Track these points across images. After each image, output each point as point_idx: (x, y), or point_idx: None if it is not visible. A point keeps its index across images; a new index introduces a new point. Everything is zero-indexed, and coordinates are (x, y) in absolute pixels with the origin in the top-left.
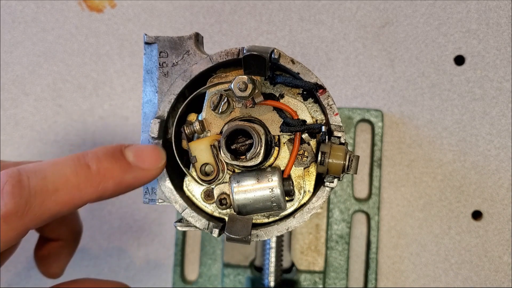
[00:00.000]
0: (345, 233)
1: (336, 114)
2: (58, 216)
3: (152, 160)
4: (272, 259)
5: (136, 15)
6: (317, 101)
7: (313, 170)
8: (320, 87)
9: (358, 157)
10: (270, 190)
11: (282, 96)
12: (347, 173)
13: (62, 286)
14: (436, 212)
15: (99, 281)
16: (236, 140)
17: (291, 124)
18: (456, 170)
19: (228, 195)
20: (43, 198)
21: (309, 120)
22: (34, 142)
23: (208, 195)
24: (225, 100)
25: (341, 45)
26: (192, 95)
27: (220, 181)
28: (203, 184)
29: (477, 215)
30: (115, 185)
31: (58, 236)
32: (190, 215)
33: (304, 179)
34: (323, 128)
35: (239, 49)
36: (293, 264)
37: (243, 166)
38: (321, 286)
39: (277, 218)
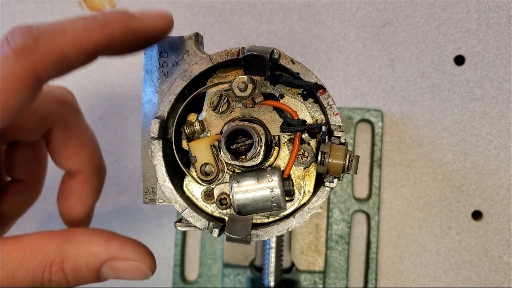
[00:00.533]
0: (345, 233)
1: (336, 114)
2: (67, 62)
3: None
4: (272, 259)
5: None
6: (317, 101)
7: (313, 170)
8: (320, 87)
9: (358, 157)
10: (270, 190)
11: (282, 96)
12: (347, 173)
13: None
14: (436, 212)
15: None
16: (236, 140)
17: (291, 124)
18: (456, 170)
19: (228, 195)
20: (51, 37)
21: (309, 120)
22: None
23: (208, 195)
24: (225, 100)
25: (341, 45)
26: (192, 95)
27: (220, 181)
28: (203, 184)
29: (477, 215)
30: (121, 28)
31: (77, 166)
32: (190, 215)
33: (304, 179)
34: (323, 128)
35: (239, 49)
36: (293, 264)
37: (243, 166)
38: (321, 286)
39: (277, 218)
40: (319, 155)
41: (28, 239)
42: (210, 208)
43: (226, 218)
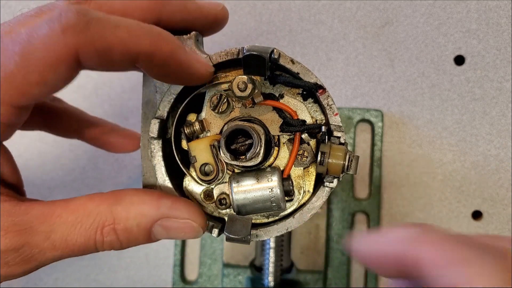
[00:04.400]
0: (345, 233)
1: (336, 114)
2: (108, 57)
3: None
4: (272, 259)
5: None
6: (317, 101)
7: (312, 170)
8: (320, 87)
9: (358, 157)
10: (270, 190)
11: (282, 96)
12: (347, 173)
13: None
14: (436, 212)
15: None
16: (235, 140)
17: (291, 124)
18: (456, 170)
19: (228, 195)
20: (103, 26)
21: (309, 120)
22: (34, 142)
23: (207, 195)
24: (225, 100)
25: (341, 45)
26: (192, 95)
27: (220, 181)
28: (202, 184)
29: (477, 215)
30: (170, 53)
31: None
32: None
33: (303, 179)
34: (323, 128)
35: (239, 49)
36: (293, 264)
37: (243, 166)
38: (321, 286)
39: (277, 218)
40: (319, 155)
41: (78, 201)
42: (210, 208)
43: (226, 218)
